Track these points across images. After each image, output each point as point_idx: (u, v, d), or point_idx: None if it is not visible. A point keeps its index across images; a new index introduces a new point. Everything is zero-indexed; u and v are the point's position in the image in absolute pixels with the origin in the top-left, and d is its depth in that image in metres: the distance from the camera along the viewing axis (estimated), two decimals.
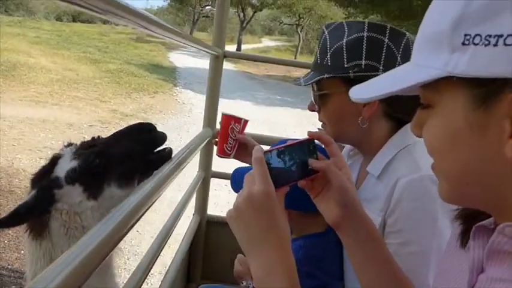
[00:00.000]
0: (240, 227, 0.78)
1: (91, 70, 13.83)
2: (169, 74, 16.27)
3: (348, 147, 1.42)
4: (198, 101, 11.99)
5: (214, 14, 2.33)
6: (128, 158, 1.34)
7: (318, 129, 1.37)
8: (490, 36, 0.51)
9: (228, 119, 1.66)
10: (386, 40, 1.17)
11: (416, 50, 0.64)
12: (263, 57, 2.73)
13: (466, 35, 0.53)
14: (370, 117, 1.19)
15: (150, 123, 1.44)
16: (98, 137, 1.45)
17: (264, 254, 0.76)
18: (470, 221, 0.69)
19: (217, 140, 1.73)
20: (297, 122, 10.68)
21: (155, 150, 1.39)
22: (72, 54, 15.96)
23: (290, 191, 1.01)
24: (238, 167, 1.39)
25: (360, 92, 0.72)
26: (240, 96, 13.25)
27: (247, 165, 1.58)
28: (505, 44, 0.50)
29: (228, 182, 1.59)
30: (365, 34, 1.18)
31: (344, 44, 1.19)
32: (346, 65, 1.18)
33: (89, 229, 1.29)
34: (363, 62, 1.17)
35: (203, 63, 20.40)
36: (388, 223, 1.11)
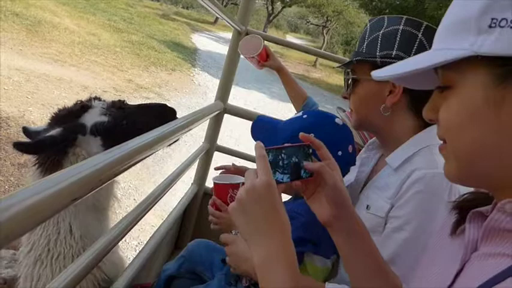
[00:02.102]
0: (243, 218, 0.80)
1: (113, 38, 13.88)
2: (190, 55, 16.28)
3: (369, 141, 1.47)
4: (214, 85, 12.01)
5: (240, 3, 2.36)
6: (147, 129, 1.43)
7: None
8: None
9: (224, 188, 1.37)
10: (420, 35, 1.22)
11: (439, 38, 0.68)
12: (286, 40, 2.75)
13: (493, 19, 0.58)
14: (392, 106, 1.23)
15: (173, 109, 1.59)
16: (124, 101, 1.55)
17: (266, 243, 0.78)
18: (465, 211, 0.73)
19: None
20: None
21: None
22: (97, 20, 16.00)
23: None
24: (261, 114, 1.47)
25: (381, 72, 0.76)
26: (256, 88, 13.25)
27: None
28: None
29: (231, 161, 1.66)
30: (401, 27, 1.24)
31: (380, 34, 1.26)
32: (378, 53, 1.24)
33: None
34: (394, 52, 1.22)
35: (225, 49, 20.21)
36: (393, 208, 1.15)
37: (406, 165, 1.19)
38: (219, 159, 2.43)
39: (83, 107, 1.44)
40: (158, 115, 1.52)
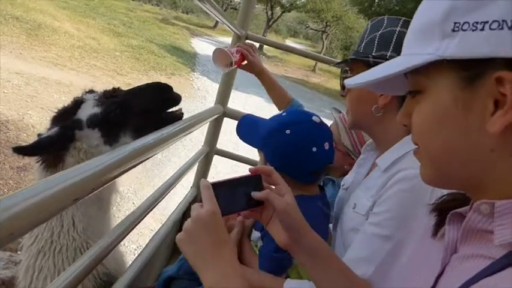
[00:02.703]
0: (191, 247, 0.81)
1: (113, 42, 13.92)
2: (189, 59, 16.32)
3: (366, 143, 1.47)
4: (213, 89, 12.03)
5: (240, 8, 2.36)
6: (145, 113, 1.46)
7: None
8: (477, 22, 0.57)
9: None
10: None
11: (407, 44, 0.70)
12: (285, 45, 2.76)
13: (455, 23, 0.59)
14: (384, 107, 1.24)
15: (168, 84, 1.53)
16: (119, 88, 1.55)
17: (217, 268, 0.79)
18: (445, 213, 0.74)
19: None
20: None
21: (169, 110, 1.52)
22: (97, 24, 16.05)
23: (289, 156, 1.22)
24: (248, 114, 1.49)
25: (351, 80, 0.78)
26: (254, 92, 13.26)
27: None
28: (490, 29, 0.57)
29: (231, 166, 1.66)
30: (398, 29, 1.24)
31: (378, 35, 1.26)
32: (374, 53, 1.25)
33: None
34: (389, 53, 1.23)
35: None
36: (374, 205, 1.17)
37: (394, 167, 1.20)
38: (218, 163, 2.43)
39: (76, 103, 1.46)
40: (154, 93, 1.50)
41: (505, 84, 0.56)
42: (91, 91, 1.54)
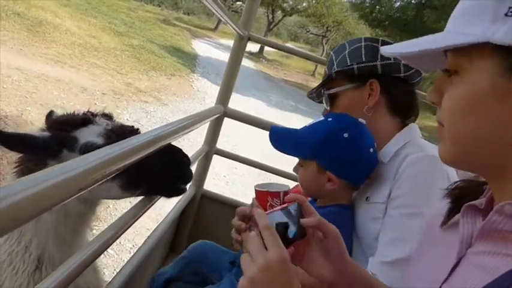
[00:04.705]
0: None
1: (114, 41, 13.91)
2: (189, 60, 16.33)
3: None
4: (213, 91, 12.04)
5: (243, 9, 2.36)
6: (145, 173, 1.25)
7: None
8: None
9: (263, 195, 1.18)
10: (379, 46, 1.37)
11: (454, 19, 0.67)
12: (289, 47, 2.77)
13: (510, 8, 0.57)
14: (374, 107, 1.37)
15: (188, 158, 1.38)
16: (137, 130, 1.35)
17: None
18: (458, 201, 0.74)
19: None
20: None
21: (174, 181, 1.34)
22: (98, 22, 16.04)
23: (349, 159, 1.24)
24: (273, 125, 1.48)
25: (390, 48, 0.74)
26: (254, 95, 13.28)
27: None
28: None
29: (229, 168, 1.64)
30: (362, 43, 1.40)
31: (347, 53, 1.42)
32: (348, 64, 1.39)
33: (69, 211, 1.24)
34: (363, 59, 1.37)
35: (224, 56, 20.48)
36: (392, 192, 1.23)
37: (397, 156, 1.30)
38: (215, 164, 2.43)
39: (85, 120, 1.26)
40: (166, 160, 1.29)
41: None
42: (108, 116, 1.35)
